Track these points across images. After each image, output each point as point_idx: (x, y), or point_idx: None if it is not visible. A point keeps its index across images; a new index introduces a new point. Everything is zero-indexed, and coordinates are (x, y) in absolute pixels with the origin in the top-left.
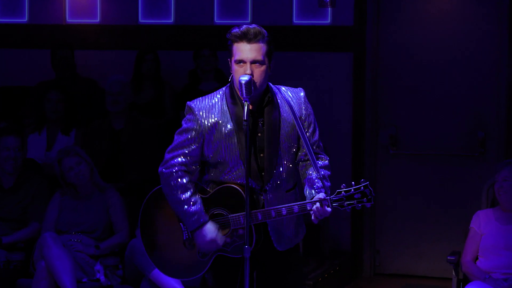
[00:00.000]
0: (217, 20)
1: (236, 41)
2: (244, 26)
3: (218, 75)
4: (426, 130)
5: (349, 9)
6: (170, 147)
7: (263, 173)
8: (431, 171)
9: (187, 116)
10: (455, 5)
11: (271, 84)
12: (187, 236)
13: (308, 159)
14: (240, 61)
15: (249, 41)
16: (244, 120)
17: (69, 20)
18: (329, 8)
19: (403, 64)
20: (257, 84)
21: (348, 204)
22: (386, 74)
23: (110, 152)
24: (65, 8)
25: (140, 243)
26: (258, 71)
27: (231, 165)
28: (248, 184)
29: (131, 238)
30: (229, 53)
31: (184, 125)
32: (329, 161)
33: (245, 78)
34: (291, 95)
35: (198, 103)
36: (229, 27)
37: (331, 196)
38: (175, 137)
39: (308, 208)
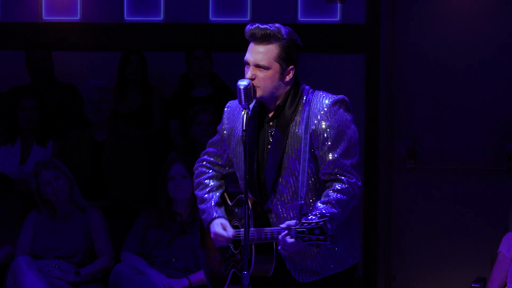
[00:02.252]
0: (212, 18)
1: (249, 40)
2: (255, 26)
3: (213, 79)
4: (448, 141)
5: (361, 5)
6: None
7: (263, 190)
8: (453, 187)
9: None
10: (481, 1)
11: (305, 88)
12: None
13: (329, 180)
14: (246, 62)
15: (257, 42)
16: (243, 130)
17: (45, 17)
18: (339, 4)
19: (422, 68)
20: (260, 90)
21: (309, 239)
22: (402, 79)
23: (92, 166)
24: (41, 4)
25: (125, 268)
26: (262, 76)
27: (240, 175)
28: (248, 202)
29: (116, 262)
30: None
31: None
32: (352, 183)
33: (243, 83)
34: (318, 104)
35: (232, 103)
36: (226, 25)
37: (296, 227)
38: None
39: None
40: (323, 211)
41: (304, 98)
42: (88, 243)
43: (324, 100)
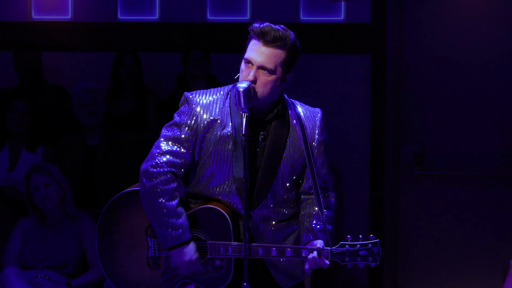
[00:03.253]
0: (209, 17)
1: (253, 38)
2: (267, 24)
3: (211, 81)
4: (457, 146)
5: (366, 3)
6: (157, 141)
7: (252, 196)
8: (463, 195)
9: (181, 108)
10: None
11: (286, 97)
12: (152, 253)
13: (313, 193)
14: (248, 61)
15: (266, 43)
16: (243, 135)
17: (35, 16)
18: (343, 2)
19: (430, 69)
20: (259, 93)
21: (350, 260)
22: (410, 80)
23: (84, 172)
24: (30, 3)
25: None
26: (264, 79)
27: (219, 175)
28: (247, 211)
29: None
30: (245, 47)
31: (176, 118)
32: (335, 198)
33: (243, 85)
34: (307, 115)
35: (197, 95)
36: (224, 25)
37: (333, 248)
38: (163, 130)
39: (304, 254)
40: (320, 227)
41: (291, 107)
42: (80, 252)
43: (313, 113)
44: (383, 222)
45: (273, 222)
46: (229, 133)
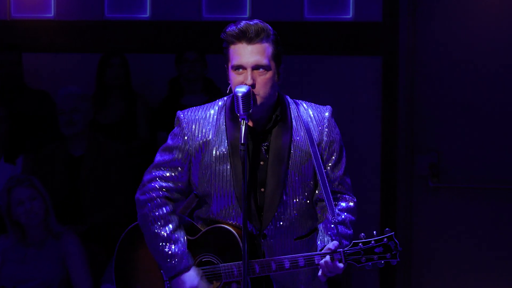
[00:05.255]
0: (205, 15)
1: (233, 42)
2: (243, 22)
3: (207, 85)
4: (476, 156)
5: (377, 0)
6: (149, 167)
7: (262, 213)
8: (483, 209)
9: (174, 130)
10: None
11: (288, 98)
12: (168, 287)
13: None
14: (238, 67)
15: (250, 41)
16: (241, 144)
17: (14, 14)
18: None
19: (447, 71)
20: (261, 96)
21: (367, 260)
22: (424, 84)
23: (68, 185)
24: (9, 0)
25: None
26: (262, 79)
27: (221, 199)
28: (247, 228)
29: None
30: (225, 58)
31: (169, 141)
32: (356, 203)
33: (242, 90)
34: (312, 115)
35: (189, 113)
36: (221, 23)
37: (346, 249)
38: (157, 154)
39: (316, 261)
40: (341, 231)
41: (292, 108)
42: (63, 273)
43: (321, 112)
44: None
45: (292, 239)
46: (225, 152)
